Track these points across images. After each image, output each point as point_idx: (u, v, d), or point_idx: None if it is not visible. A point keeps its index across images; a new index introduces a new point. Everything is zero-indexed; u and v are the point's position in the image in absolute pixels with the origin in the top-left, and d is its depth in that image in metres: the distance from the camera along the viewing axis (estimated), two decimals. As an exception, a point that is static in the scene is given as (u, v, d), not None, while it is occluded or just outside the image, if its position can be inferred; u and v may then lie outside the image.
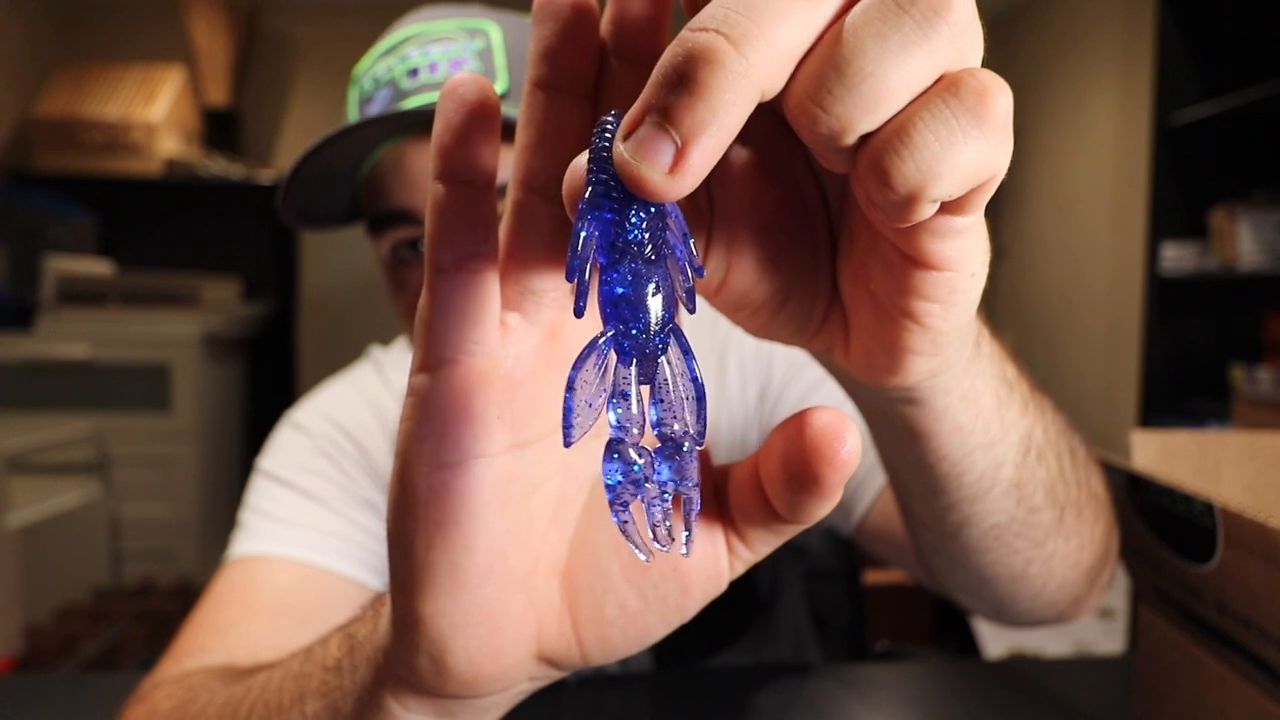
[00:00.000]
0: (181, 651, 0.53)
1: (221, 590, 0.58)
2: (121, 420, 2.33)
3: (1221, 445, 0.55)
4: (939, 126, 0.18)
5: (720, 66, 0.17)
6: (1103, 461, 0.50)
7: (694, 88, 0.17)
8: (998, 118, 0.18)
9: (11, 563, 1.88)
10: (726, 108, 0.17)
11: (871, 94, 0.18)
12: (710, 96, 0.17)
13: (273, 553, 0.60)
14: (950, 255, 0.21)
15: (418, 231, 0.56)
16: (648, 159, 0.17)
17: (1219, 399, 2.06)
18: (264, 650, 0.52)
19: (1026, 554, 0.42)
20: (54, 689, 0.63)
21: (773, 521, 0.24)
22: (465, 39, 0.57)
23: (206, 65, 2.87)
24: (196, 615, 0.57)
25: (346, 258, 3.10)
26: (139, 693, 0.49)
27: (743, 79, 0.17)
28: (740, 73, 0.17)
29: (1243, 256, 1.88)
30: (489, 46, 0.57)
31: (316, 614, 0.57)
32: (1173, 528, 0.46)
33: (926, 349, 0.24)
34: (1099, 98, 2.68)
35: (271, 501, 0.63)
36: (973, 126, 0.18)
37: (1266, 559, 0.39)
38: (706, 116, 0.17)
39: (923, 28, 0.18)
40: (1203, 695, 0.47)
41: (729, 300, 0.27)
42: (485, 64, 0.56)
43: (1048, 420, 0.40)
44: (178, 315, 2.40)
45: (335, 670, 0.31)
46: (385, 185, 0.57)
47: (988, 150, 0.18)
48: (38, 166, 2.63)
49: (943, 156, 0.18)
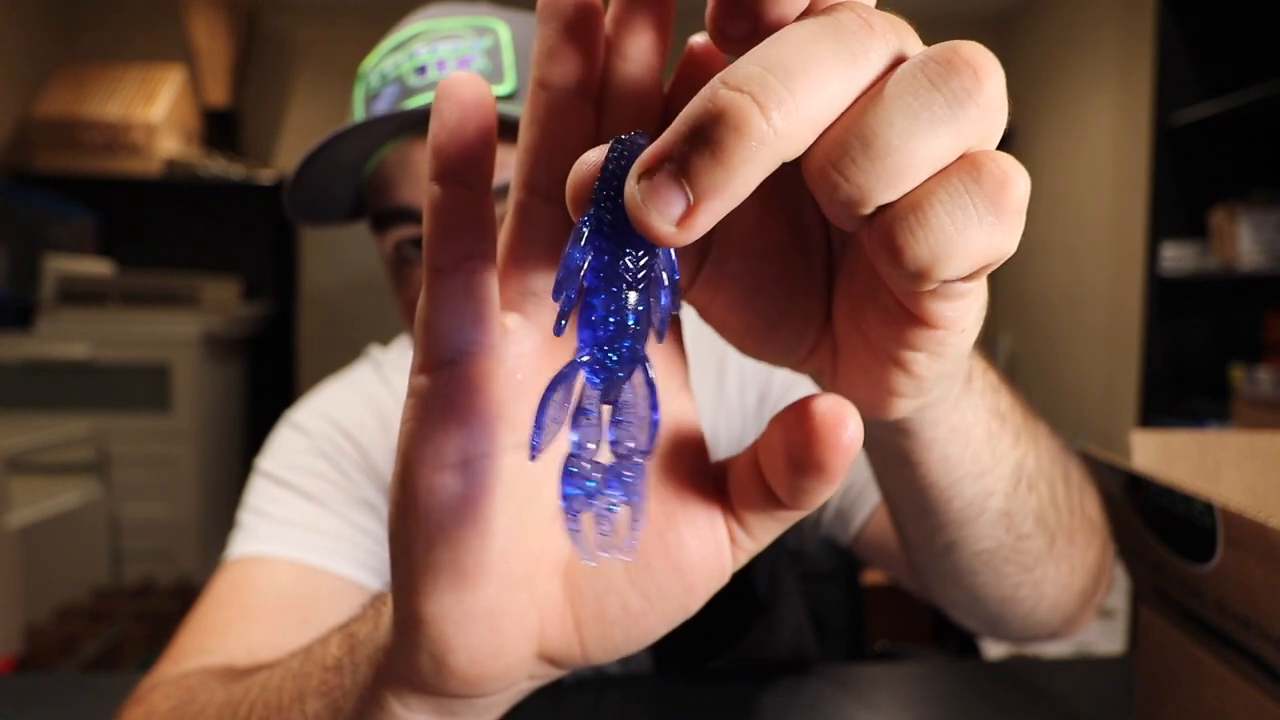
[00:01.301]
0: (180, 652, 0.53)
1: (220, 591, 0.58)
2: (121, 420, 2.33)
3: (1221, 445, 0.55)
4: (956, 211, 0.18)
5: (746, 134, 0.16)
6: (1103, 461, 0.50)
7: (716, 150, 0.17)
8: (1015, 206, 0.18)
9: (11, 563, 1.88)
10: (744, 175, 0.17)
11: (895, 168, 0.18)
12: (730, 162, 0.17)
13: (271, 553, 0.60)
14: (947, 315, 0.21)
15: (420, 230, 0.56)
16: (657, 206, 0.17)
17: (1219, 399, 2.06)
18: (262, 650, 0.52)
19: (1016, 578, 0.42)
20: (54, 689, 0.63)
21: (774, 508, 0.24)
22: (473, 37, 0.57)
23: (206, 65, 2.87)
24: (195, 616, 0.57)
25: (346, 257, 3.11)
26: (137, 694, 0.49)
27: (766, 147, 0.17)
28: (764, 141, 0.17)
29: (1243, 256, 1.88)
30: (497, 44, 0.57)
31: (315, 614, 0.57)
32: (1173, 528, 0.46)
33: (911, 392, 0.24)
34: (1099, 97, 2.68)
35: (270, 502, 0.63)
36: (989, 213, 0.18)
37: (1266, 559, 0.39)
38: (723, 181, 0.17)
39: (953, 107, 0.18)
40: (1203, 695, 0.47)
41: (719, 319, 0.27)
42: (493, 62, 0.56)
43: (1041, 449, 0.40)
44: (178, 315, 2.40)
45: (335, 669, 0.31)
46: (390, 183, 0.57)
47: (1000, 237, 0.18)
48: (38, 166, 2.63)
49: (956, 240, 0.18)
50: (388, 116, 0.54)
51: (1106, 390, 2.65)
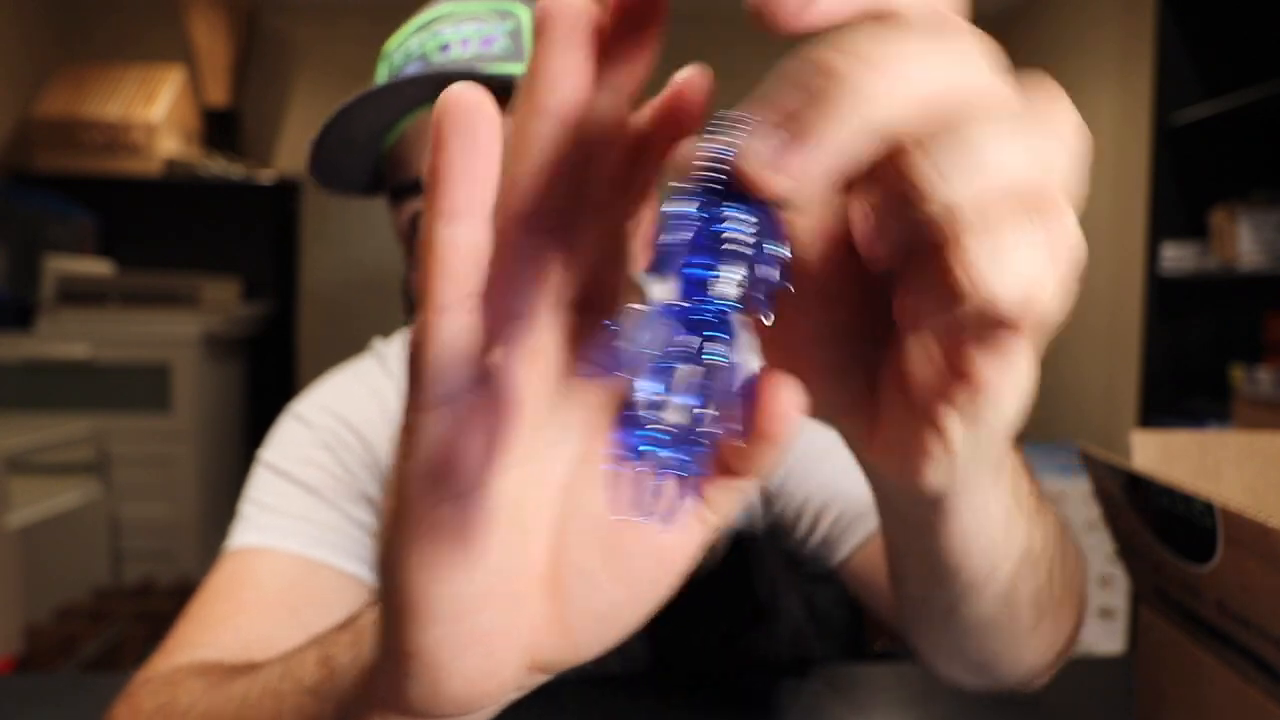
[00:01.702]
0: (174, 646, 0.54)
1: (217, 583, 0.59)
2: (121, 420, 2.33)
3: (1221, 445, 0.55)
4: (1020, 234, 0.18)
5: (848, 88, 0.17)
6: (1103, 461, 0.50)
7: (820, 101, 0.17)
8: (1069, 258, 0.19)
9: (11, 563, 1.88)
10: (847, 128, 0.17)
11: (978, 166, 0.18)
12: (834, 113, 0.17)
13: (268, 545, 0.60)
14: (988, 374, 0.21)
15: None
16: (764, 155, 0.17)
17: (1219, 399, 2.06)
18: (254, 644, 0.53)
19: (1001, 646, 0.43)
20: (54, 689, 0.63)
21: (729, 478, 0.24)
22: (496, 20, 0.58)
23: (206, 65, 2.87)
24: (191, 609, 0.57)
25: (346, 257, 3.11)
26: (129, 689, 0.49)
27: (865, 104, 0.17)
28: (864, 97, 0.17)
29: (1243, 256, 1.88)
30: (519, 27, 0.58)
31: (308, 607, 0.57)
32: (1173, 528, 0.46)
33: (943, 464, 0.24)
34: (1099, 97, 2.68)
35: (270, 493, 0.64)
36: (1045, 252, 0.19)
37: (1266, 559, 0.38)
38: (827, 133, 0.17)
39: (1040, 134, 0.19)
40: (1203, 695, 0.47)
41: (777, 361, 0.26)
42: (515, 44, 0.57)
43: (1047, 528, 0.40)
44: (178, 315, 2.40)
45: (313, 694, 0.31)
46: (409, 155, 0.58)
47: (1048, 280, 0.19)
48: (38, 166, 2.63)
49: (1012, 261, 0.18)
50: (413, 79, 0.54)
51: (1106, 390, 2.65)
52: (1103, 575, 2.00)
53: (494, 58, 0.59)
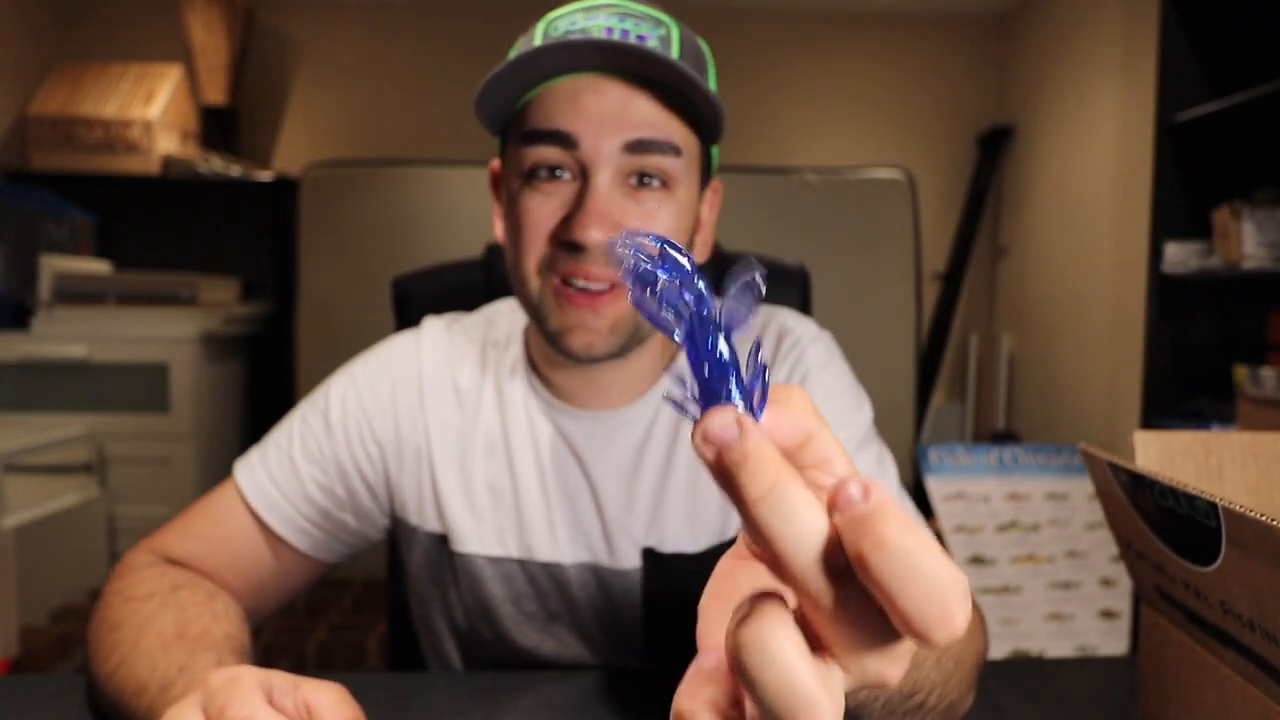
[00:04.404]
0: (161, 539, 0.72)
1: (211, 503, 0.72)
2: (119, 420, 2.33)
3: (1225, 445, 0.55)
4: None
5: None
6: (1106, 461, 0.50)
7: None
8: None
9: (7, 564, 1.87)
10: None
11: None
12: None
13: (251, 501, 0.70)
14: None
15: (565, 157, 0.62)
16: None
17: (1222, 399, 2.05)
18: (205, 567, 0.70)
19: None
20: (49, 691, 0.63)
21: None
22: (651, 24, 0.63)
23: (204, 63, 2.87)
24: (187, 512, 0.73)
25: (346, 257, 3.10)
26: (122, 567, 0.69)
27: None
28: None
29: (1246, 256, 1.87)
30: (669, 36, 0.63)
31: (246, 563, 0.71)
32: (1176, 528, 0.45)
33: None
34: (1102, 96, 2.68)
35: (287, 438, 0.73)
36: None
37: (1270, 560, 0.38)
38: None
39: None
40: (1206, 696, 0.46)
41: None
42: (664, 49, 0.62)
43: (946, 658, 0.51)
44: (176, 315, 2.39)
45: (162, 687, 0.49)
46: (552, 108, 0.62)
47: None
48: (35, 165, 2.64)
49: None
50: (583, 43, 0.58)
51: (1109, 390, 2.65)
52: (1105, 576, 2.00)
53: None
